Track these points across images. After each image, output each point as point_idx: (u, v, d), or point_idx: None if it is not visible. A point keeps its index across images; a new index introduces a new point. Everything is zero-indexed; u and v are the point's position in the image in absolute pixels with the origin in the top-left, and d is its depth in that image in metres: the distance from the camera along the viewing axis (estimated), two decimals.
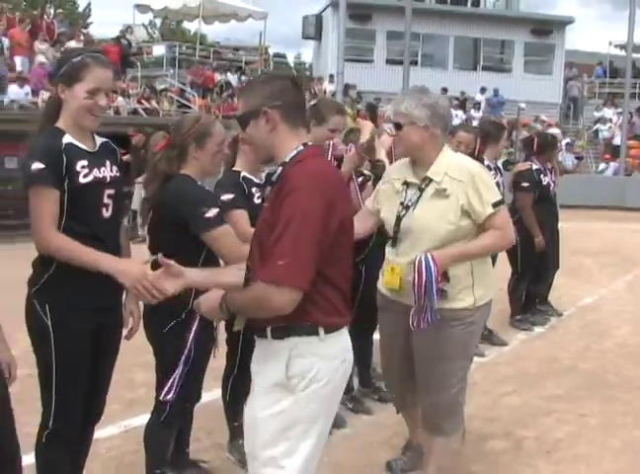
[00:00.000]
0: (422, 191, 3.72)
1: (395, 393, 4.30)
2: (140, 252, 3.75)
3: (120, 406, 4.82)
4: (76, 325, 3.24)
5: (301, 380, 2.62)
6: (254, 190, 4.17)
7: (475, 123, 20.66)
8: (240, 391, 4.13)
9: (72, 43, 20.73)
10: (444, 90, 23.37)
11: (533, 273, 7.79)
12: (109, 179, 3.35)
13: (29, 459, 3.32)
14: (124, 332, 3.48)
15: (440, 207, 3.65)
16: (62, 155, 3.16)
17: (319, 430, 2.70)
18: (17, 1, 36.23)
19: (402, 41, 19.83)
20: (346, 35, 17.67)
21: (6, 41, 19.46)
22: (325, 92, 24.56)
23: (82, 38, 21.67)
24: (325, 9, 32.07)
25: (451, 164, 3.70)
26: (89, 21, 42.06)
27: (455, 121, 18.81)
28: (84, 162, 3.23)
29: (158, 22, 40.02)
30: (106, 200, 3.32)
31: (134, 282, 2.92)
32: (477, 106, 27.44)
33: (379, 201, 3.97)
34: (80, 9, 44.90)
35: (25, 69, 19.03)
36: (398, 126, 3.76)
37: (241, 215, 3.99)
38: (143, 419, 3.99)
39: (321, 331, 2.63)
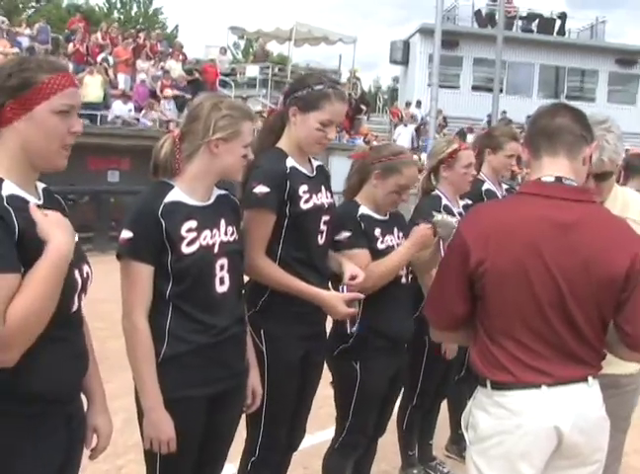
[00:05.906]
0: None
1: None
2: None
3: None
4: (288, 352, 3.17)
5: None
6: None
7: None
8: (416, 421, 4.38)
9: (172, 63, 21.58)
10: (529, 118, 23.45)
11: None
12: (326, 205, 3.24)
13: None
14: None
15: None
16: (286, 180, 3.07)
17: None
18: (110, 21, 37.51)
19: (488, 68, 20.09)
20: (433, 60, 17.94)
21: (111, 59, 20.23)
22: (412, 116, 24.96)
23: (181, 57, 22.38)
24: (413, 35, 32.75)
25: (631, 203, 3.07)
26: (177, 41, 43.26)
27: None
28: (305, 187, 3.12)
29: (241, 43, 41.25)
30: (322, 227, 3.21)
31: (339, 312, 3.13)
32: None
33: None
34: (168, 30, 46.24)
35: (127, 87, 19.77)
36: (603, 177, 2.97)
37: None
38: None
39: None
